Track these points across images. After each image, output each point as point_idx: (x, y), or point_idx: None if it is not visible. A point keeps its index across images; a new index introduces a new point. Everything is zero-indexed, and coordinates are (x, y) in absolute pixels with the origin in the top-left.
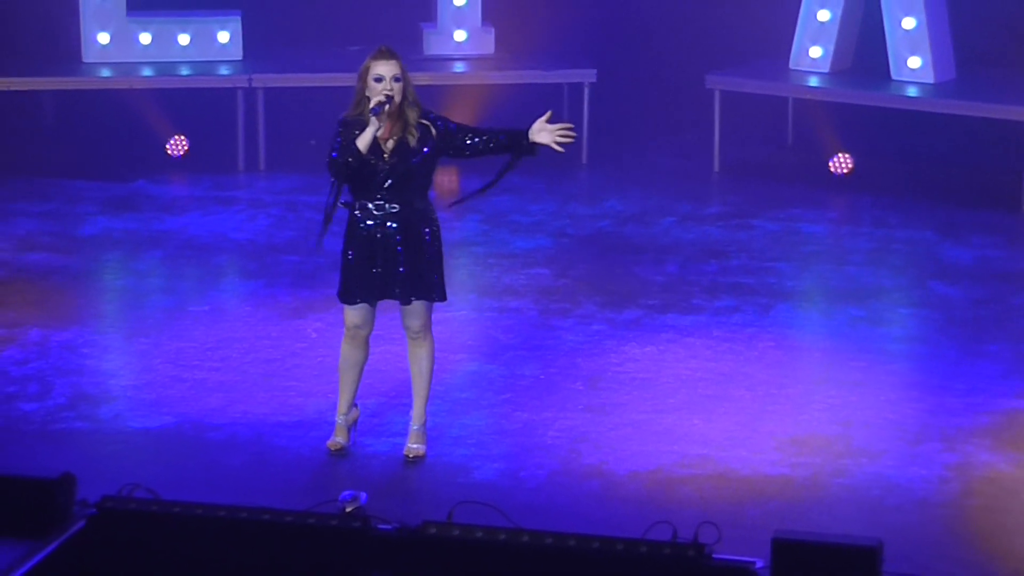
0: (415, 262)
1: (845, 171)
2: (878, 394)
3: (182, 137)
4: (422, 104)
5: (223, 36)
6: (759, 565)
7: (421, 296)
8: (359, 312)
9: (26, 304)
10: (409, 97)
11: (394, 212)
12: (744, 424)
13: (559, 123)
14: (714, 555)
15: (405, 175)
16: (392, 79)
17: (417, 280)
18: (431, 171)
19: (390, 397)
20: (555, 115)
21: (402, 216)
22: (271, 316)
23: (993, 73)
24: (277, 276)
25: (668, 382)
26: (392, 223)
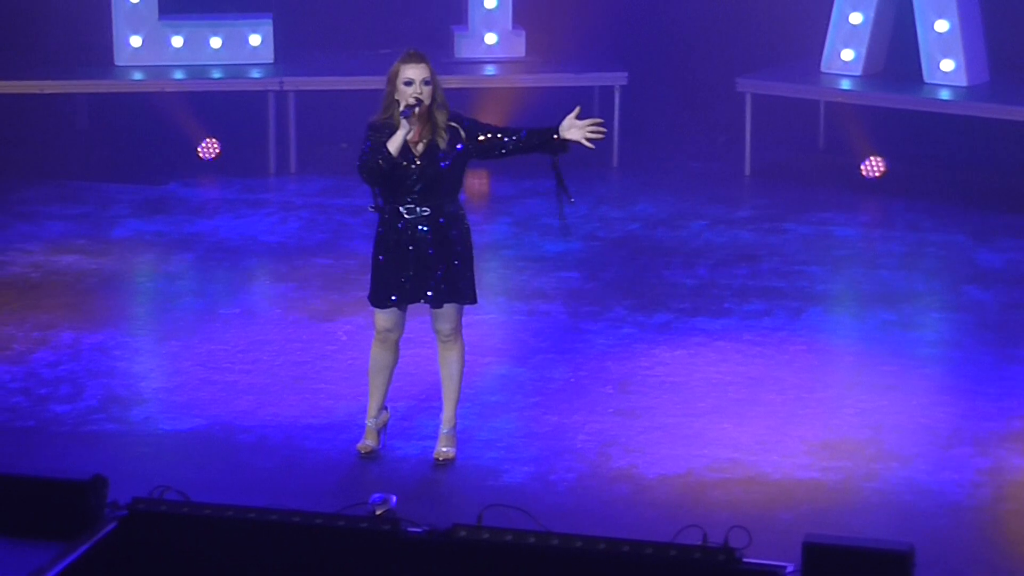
0: (446, 265)
1: (877, 174)
2: (910, 398)
3: (213, 140)
4: (451, 107)
5: (255, 39)
6: (790, 569)
7: (452, 299)
8: (390, 316)
9: (58, 306)
10: (438, 100)
11: (425, 215)
12: (775, 428)
13: (588, 119)
14: (744, 559)
15: (435, 178)
16: (422, 82)
17: (448, 283)
18: (461, 173)
19: (420, 400)
20: (586, 117)
21: (433, 219)
22: (301, 319)
23: None
24: (307, 279)
25: (698, 386)
26: (423, 226)
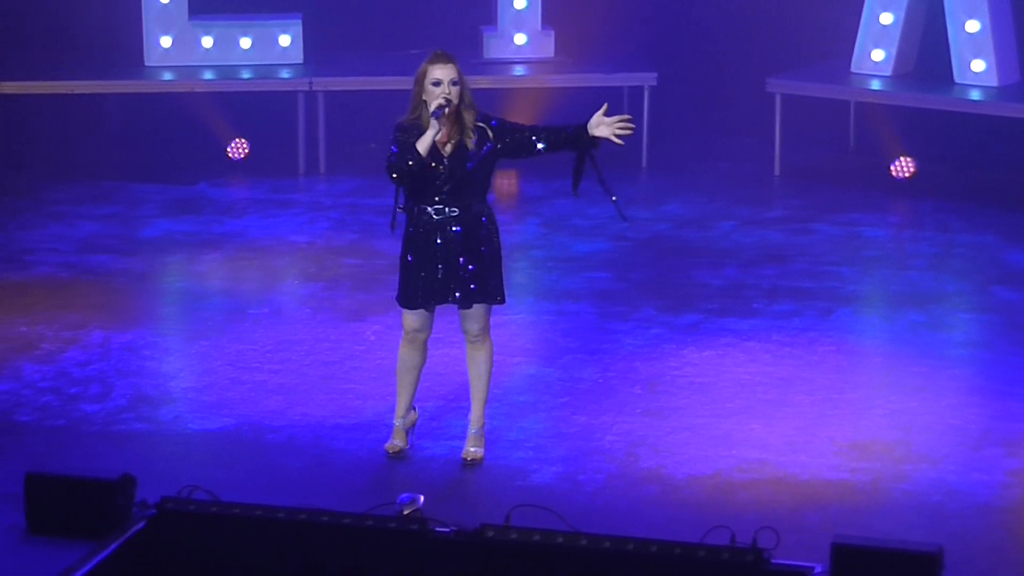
0: (475, 265)
1: (907, 175)
2: (939, 399)
3: (243, 140)
4: (479, 107)
5: (284, 39)
6: (818, 570)
7: (480, 299)
8: (418, 316)
9: (88, 306)
10: (466, 100)
11: (454, 215)
12: (804, 429)
13: (617, 116)
14: (773, 560)
15: (464, 178)
16: (450, 83)
17: (477, 283)
18: (490, 173)
19: (448, 400)
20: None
21: (462, 219)
22: (330, 319)
23: None
24: (336, 279)
25: (727, 386)
26: (452, 226)
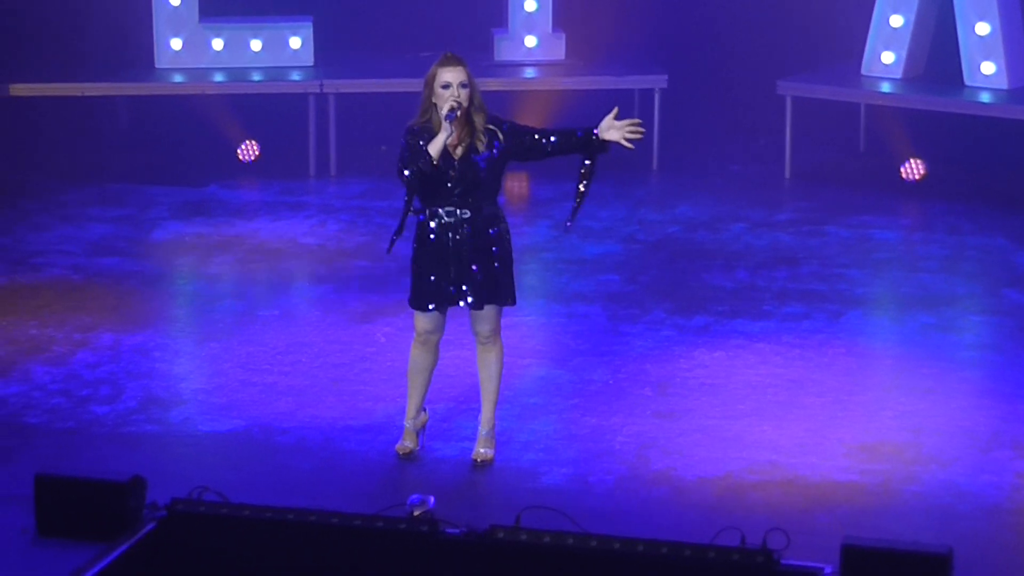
0: (486, 267)
1: (917, 177)
2: (949, 401)
3: (253, 142)
4: (489, 109)
5: (295, 42)
6: (828, 571)
7: (491, 301)
8: (430, 318)
9: (99, 308)
10: (476, 103)
11: (465, 218)
12: (814, 431)
13: (627, 119)
14: (783, 561)
15: (474, 181)
16: (459, 85)
17: (487, 285)
18: (500, 176)
19: (459, 402)
20: (625, 119)
21: (472, 221)
22: (340, 321)
23: None
24: (347, 281)
25: (737, 388)
26: (463, 228)
